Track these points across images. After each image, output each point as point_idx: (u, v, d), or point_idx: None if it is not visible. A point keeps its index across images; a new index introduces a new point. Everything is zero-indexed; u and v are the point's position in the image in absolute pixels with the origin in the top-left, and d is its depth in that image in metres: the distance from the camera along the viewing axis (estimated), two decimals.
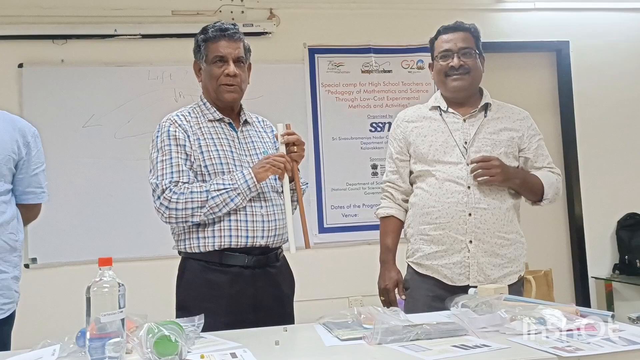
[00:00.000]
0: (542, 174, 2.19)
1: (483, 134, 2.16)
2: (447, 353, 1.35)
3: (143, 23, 3.90)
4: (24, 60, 3.76)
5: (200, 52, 2.07)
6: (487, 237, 2.10)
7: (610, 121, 4.48)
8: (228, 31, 2.04)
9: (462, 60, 2.17)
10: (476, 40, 2.24)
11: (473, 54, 2.19)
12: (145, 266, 3.53)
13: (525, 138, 2.23)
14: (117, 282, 1.41)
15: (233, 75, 2.01)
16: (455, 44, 2.18)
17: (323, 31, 4.14)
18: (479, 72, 2.23)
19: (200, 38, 2.08)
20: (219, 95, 2.04)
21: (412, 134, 2.24)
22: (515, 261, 2.16)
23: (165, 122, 2.03)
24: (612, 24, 4.53)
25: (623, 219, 4.42)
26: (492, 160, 2.08)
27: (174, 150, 1.97)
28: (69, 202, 3.71)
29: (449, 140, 2.16)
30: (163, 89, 3.89)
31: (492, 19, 4.40)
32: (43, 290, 3.63)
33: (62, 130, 3.75)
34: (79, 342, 1.49)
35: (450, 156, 2.14)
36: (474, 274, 2.09)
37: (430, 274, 2.15)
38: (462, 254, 2.09)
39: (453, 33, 2.20)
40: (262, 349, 1.46)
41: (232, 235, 1.96)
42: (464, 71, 2.17)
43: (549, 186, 2.17)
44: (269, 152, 2.13)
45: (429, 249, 2.14)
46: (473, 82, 2.20)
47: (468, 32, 2.22)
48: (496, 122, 2.20)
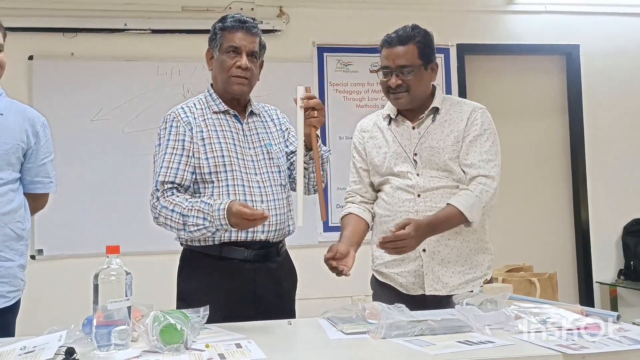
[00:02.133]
0: (457, 199, 2.01)
1: (429, 141, 2.08)
2: (452, 348, 1.35)
3: (153, 18, 3.92)
4: (34, 52, 3.79)
5: (216, 40, 2.04)
6: (441, 246, 2.05)
7: (619, 126, 4.47)
8: (247, 24, 2.02)
9: (401, 78, 2.05)
10: (421, 51, 2.07)
11: (413, 70, 2.05)
12: (151, 261, 3.54)
13: (464, 133, 2.09)
14: (124, 270, 1.42)
15: (245, 68, 1.99)
16: (394, 61, 2.04)
17: (332, 30, 4.15)
18: (422, 86, 2.10)
19: (218, 26, 2.05)
20: (227, 87, 2.03)
21: (367, 145, 2.20)
22: (478, 267, 2.08)
23: (169, 116, 2.02)
24: (622, 28, 4.52)
25: (629, 224, 4.41)
26: (402, 239, 1.89)
27: (170, 146, 1.97)
28: (75, 195, 3.72)
29: (399, 151, 2.11)
30: (171, 84, 3.91)
31: (502, 21, 4.40)
32: (48, 281, 3.65)
33: (70, 123, 3.77)
34: (85, 329, 1.50)
35: (401, 167, 2.10)
36: (429, 282, 2.04)
37: (388, 282, 2.14)
38: (417, 263, 2.06)
39: (392, 48, 2.06)
40: (267, 341, 1.46)
41: (233, 229, 1.96)
42: (402, 90, 2.06)
43: (469, 209, 1.98)
44: (273, 143, 2.11)
45: (388, 257, 2.11)
46: (413, 98, 2.09)
47: (411, 43, 2.05)
48: (443, 126, 2.10)
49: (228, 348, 1.41)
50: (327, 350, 1.44)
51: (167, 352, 1.36)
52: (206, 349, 1.40)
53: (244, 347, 1.41)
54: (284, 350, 1.48)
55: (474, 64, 4.38)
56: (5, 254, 1.96)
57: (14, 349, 1.41)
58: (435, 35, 2.29)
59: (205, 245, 1.97)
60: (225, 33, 2.02)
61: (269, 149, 2.09)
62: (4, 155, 1.96)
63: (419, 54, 2.06)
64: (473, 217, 1.98)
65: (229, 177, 1.98)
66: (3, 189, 1.96)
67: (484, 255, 2.11)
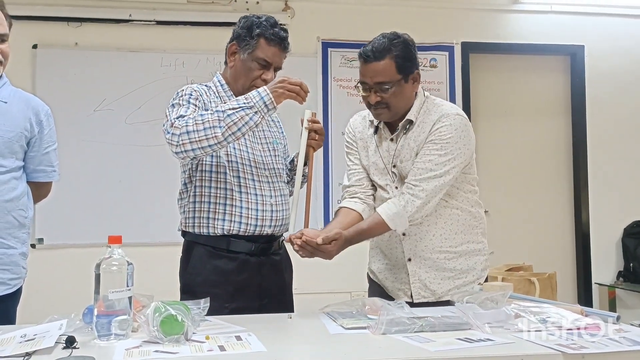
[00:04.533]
0: (383, 208, 1.94)
1: (402, 154, 2.02)
2: (452, 345, 1.35)
3: (158, 9, 3.92)
4: (39, 41, 3.79)
5: (248, 41, 1.99)
6: (428, 254, 2.01)
7: (622, 128, 4.47)
8: (284, 42, 2.02)
9: (379, 95, 1.94)
10: (400, 65, 1.92)
11: (391, 86, 1.93)
12: (151, 252, 3.53)
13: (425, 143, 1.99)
14: (126, 260, 1.42)
15: (269, 81, 1.97)
16: (371, 78, 1.93)
17: (337, 25, 4.15)
18: (403, 100, 1.98)
19: (257, 31, 1.99)
20: (242, 92, 1.99)
21: (358, 145, 2.14)
22: (470, 272, 2.03)
23: (187, 88, 1.98)
24: (628, 30, 4.51)
25: (629, 226, 4.41)
26: (322, 251, 1.85)
27: (190, 102, 1.93)
28: (77, 185, 3.73)
29: (379, 163, 2.07)
30: (175, 76, 3.90)
31: (507, 20, 4.39)
32: (49, 270, 3.66)
33: (73, 112, 3.78)
34: (85, 318, 1.50)
35: (380, 179, 2.07)
36: (416, 290, 2.01)
37: (379, 282, 2.14)
38: (404, 271, 2.04)
39: (368, 64, 1.93)
40: (267, 335, 1.47)
41: (242, 222, 1.97)
42: (381, 106, 1.96)
43: (391, 219, 1.91)
44: (278, 141, 2.14)
45: (383, 259, 2.12)
46: (395, 113, 2.00)
47: (387, 57, 1.91)
48: (413, 139, 2.00)
49: (228, 340, 1.41)
50: (327, 344, 1.45)
51: (167, 342, 1.36)
52: (206, 340, 1.40)
53: (244, 340, 1.41)
54: (284, 343, 1.49)
55: (478, 63, 4.37)
56: (8, 241, 1.96)
57: (14, 336, 1.41)
58: (440, 33, 2.26)
59: (213, 237, 1.97)
60: (262, 41, 1.99)
61: (275, 146, 2.12)
62: (7, 143, 1.96)
63: (397, 68, 1.92)
64: (396, 227, 1.93)
65: (240, 170, 2.00)
66: (6, 176, 1.96)
67: (477, 258, 2.06)
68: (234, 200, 1.97)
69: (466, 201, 2.05)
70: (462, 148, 1.96)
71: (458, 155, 1.95)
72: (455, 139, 1.95)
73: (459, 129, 1.96)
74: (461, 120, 1.98)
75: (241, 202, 1.97)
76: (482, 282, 2.06)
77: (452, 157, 1.94)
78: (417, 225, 1.99)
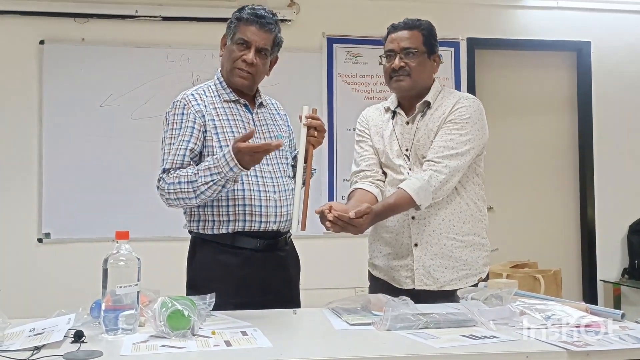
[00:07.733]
0: (406, 183, 1.97)
1: (418, 136, 2.07)
2: (456, 342, 1.36)
3: (164, 5, 3.92)
4: (45, 37, 3.79)
5: (231, 28, 2.06)
6: (434, 240, 2.03)
7: (628, 124, 4.45)
8: (262, 19, 2.02)
9: (404, 61, 2.04)
10: (426, 38, 2.08)
11: (416, 54, 2.05)
12: (157, 247, 3.55)
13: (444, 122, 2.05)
14: (134, 255, 1.43)
15: (250, 62, 2.00)
16: (399, 43, 2.05)
17: (342, 21, 4.14)
18: (424, 73, 2.08)
19: (235, 15, 2.06)
20: (230, 77, 2.04)
21: (371, 131, 2.18)
22: (473, 264, 2.06)
23: (179, 102, 2.02)
24: (635, 26, 4.48)
25: (635, 223, 4.40)
26: (354, 225, 1.87)
27: (180, 134, 1.97)
28: (83, 180, 3.75)
29: (394, 145, 2.11)
30: (181, 71, 3.91)
31: (513, 16, 4.37)
32: (55, 265, 3.69)
33: (79, 107, 3.80)
34: (93, 312, 1.52)
35: (396, 160, 2.10)
36: (419, 277, 2.03)
37: (381, 276, 2.14)
38: (409, 258, 2.05)
39: (398, 32, 2.08)
40: (272, 330, 1.48)
41: (247, 220, 1.97)
42: (404, 73, 2.04)
43: (417, 193, 1.94)
44: (282, 135, 2.13)
45: (384, 250, 2.12)
46: (415, 84, 2.07)
47: (416, 29, 2.07)
48: (431, 121, 2.06)
49: (234, 335, 1.42)
50: (332, 340, 1.46)
51: (173, 337, 1.37)
52: (212, 335, 1.41)
53: (249, 335, 1.43)
54: (290, 338, 1.49)
55: (484, 59, 4.36)
56: None
57: (23, 330, 1.42)
58: (446, 29, 2.29)
59: (219, 234, 1.98)
60: (240, 24, 2.03)
61: (279, 140, 2.09)
62: None
63: (423, 41, 2.08)
64: (421, 201, 1.96)
65: None
66: None
67: (479, 252, 2.08)
68: (236, 200, 1.97)
69: (473, 193, 2.09)
70: (480, 130, 2.05)
71: (476, 136, 2.03)
72: (474, 120, 2.04)
73: (477, 110, 2.06)
74: (479, 104, 2.09)
75: (244, 200, 1.97)
76: (483, 277, 2.07)
77: (471, 137, 2.02)
78: (426, 211, 2.01)
